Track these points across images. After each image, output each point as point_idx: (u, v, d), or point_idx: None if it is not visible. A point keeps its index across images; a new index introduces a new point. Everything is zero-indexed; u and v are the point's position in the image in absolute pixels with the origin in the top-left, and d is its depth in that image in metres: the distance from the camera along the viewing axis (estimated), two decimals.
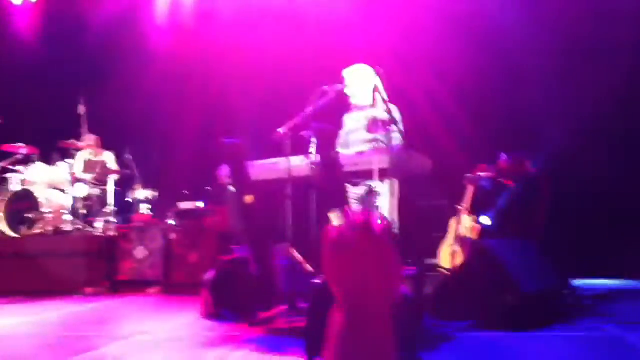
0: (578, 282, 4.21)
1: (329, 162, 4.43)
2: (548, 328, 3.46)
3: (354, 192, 4.60)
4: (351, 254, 2.80)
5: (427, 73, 5.74)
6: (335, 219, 3.36)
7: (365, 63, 4.70)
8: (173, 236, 5.90)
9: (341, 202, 4.56)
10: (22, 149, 6.92)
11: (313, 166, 4.49)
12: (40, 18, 8.23)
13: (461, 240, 4.79)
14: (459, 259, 4.69)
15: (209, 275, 4.59)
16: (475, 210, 4.85)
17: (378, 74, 4.68)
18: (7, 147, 6.91)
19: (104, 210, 6.75)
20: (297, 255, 4.42)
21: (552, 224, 4.74)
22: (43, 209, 6.54)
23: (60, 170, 6.92)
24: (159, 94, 7.41)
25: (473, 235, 4.76)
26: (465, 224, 4.82)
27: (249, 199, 4.89)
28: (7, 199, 6.64)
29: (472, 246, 4.59)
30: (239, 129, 6.17)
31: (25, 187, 6.73)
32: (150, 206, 6.72)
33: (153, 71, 7.36)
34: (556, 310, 3.65)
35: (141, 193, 6.75)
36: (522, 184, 4.66)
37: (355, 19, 6.22)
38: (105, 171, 6.98)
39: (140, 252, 5.94)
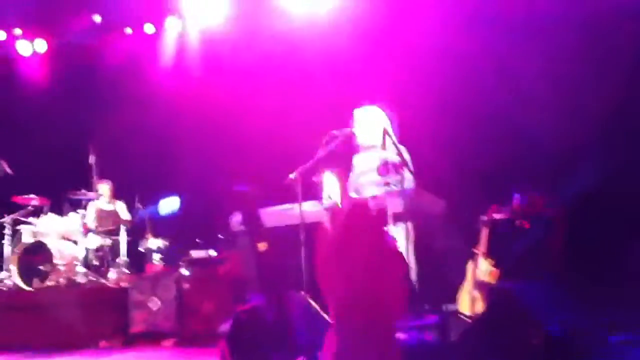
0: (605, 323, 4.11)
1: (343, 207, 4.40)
2: None
3: None
4: (345, 251, 2.57)
5: (436, 112, 5.75)
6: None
7: (374, 105, 4.72)
8: (186, 286, 5.85)
9: None
10: (33, 200, 6.94)
11: (326, 211, 4.48)
12: (48, 69, 8.38)
13: (480, 285, 4.69)
14: (480, 305, 4.59)
15: (225, 327, 4.52)
16: (492, 253, 4.76)
17: (388, 116, 4.70)
18: (18, 199, 6.94)
19: (117, 260, 6.72)
20: (314, 304, 4.36)
21: (576, 263, 4.65)
22: (55, 261, 6.52)
23: (72, 221, 6.93)
24: (168, 142, 7.47)
25: (492, 280, 4.67)
26: (482, 268, 4.74)
27: (262, 246, 4.86)
28: (19, 251, 6.63)
29: (491, 291, 4.50)
30: (250, 175, 6.17)
31: (37, 239, 6.72)
32: (162, 255, 6.69)
33: (162, 119, 7.44)
34: (584, 351, 3.55)
35: (153, 242, 6.72)
36: (538, 226, 4.60)
37: (362, 63, 6.27)
38: (117, 221, 6.97)
39: (153, 303, 5.87)
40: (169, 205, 6.76)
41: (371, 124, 4.64)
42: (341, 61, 6.42)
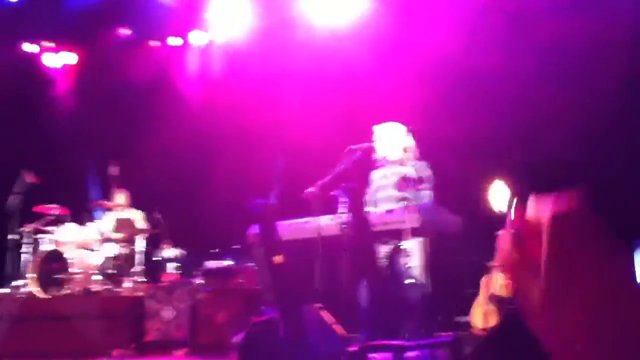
0: None
1: (360, 221, 4.43)
2: None
3: (384, 250, 4.57)
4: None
5: (457, 127, 5.76)
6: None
7: (396, 121, 4.77)
8: (201, 296, 5.87)
9: (372, 262, 4.52)
10: (54, 209, 7.05)
11: (343, 226, 4.51)
12: (76, 81, 8.59)
13: (494, 299, 4.67)
14: (493, 319, 4.55)
15: (238, 339, 4.52)
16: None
17: (409, 132, 4.74)
18: (40, 209, 7.06)
19: (133, 269, 6.78)
20: (328, 317, 4.36)
21: None
22: (72, 270, 6.58)
23: (91, 230, 7.02)
24: (187, 152, 7.57)
25: (507, 293, 4.64)
26: (497, 282, 4.71)
27: (278, 259, 4.87)
28: (37, 259, 6.72)
29: (506, 305, 4.46)
30: (268, 188, 6.21)
31: (55, 247, 6.81)
32: (178, 265, 6.73)
33: (184, 130, 7.55)
34: None
35: (169, 252, 6.78)
36: None
37: (384, 77, 6.31)
38: (134, 230, 7.05)
39: (167, 313, 5.90)
40: None
41: (391, 140, 4.69)
42: (363, 74, 6.48)
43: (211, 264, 6.13)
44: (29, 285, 6.64)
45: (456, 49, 5.81)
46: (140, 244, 6.91)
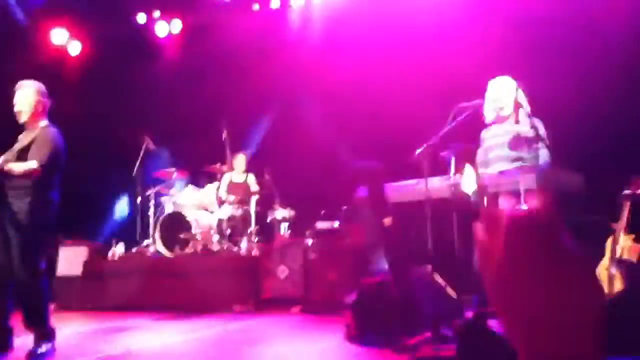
0: None
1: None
2: None
3: None
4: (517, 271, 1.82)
5: (572, 81, 5.36)
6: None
7: (507, 76, 4.51)
8: (312, 256, 6.05)
9: None
10: (174, 173, 7.51)
11: (453, 188, 4.39)
12: (182, 49, 8.92)
13: (619, 262, 4.39)
14: (618, 284, 4.30)
15: (351, 298, 4.63)
16: (634, 228, 4.42)
17: (520, 87, 4.46)
18: (160, 174, 7.55)
19: (247, 230, 7.10)
20: (440, 279, 4.32)
21: None
22: (193, 230, 7.02)
23: (208, 193, 7.42)
24: (295, 115, 7.67)
25: (633, 257, 4.34)
26: (623, 245, 4.42)
27: (387, 221, 4.88)
28: (161, 221, 7.23)
29: (632, 269, 4.19)
30: (376, 150, 6.19)
31: (177, 209, 7.28)
32: (289, 225, 6.96)
33: (288, 93, 7.63)
34: None
35: (280, 213, 7.01)
36: None
37: (495, 31, 5.96)
38: (247, 192, 7.35)
39: (282, 271, 6.16)
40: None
41: (503, 96, 4.44)
42: (472, 29, 6.16)
43: (321, 224, 6.27)
44: (155, 244, 7.19)
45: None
46: (253, 205, 7.21)
